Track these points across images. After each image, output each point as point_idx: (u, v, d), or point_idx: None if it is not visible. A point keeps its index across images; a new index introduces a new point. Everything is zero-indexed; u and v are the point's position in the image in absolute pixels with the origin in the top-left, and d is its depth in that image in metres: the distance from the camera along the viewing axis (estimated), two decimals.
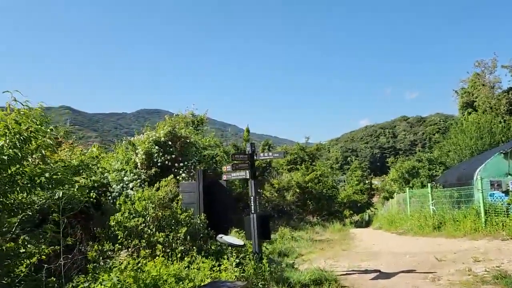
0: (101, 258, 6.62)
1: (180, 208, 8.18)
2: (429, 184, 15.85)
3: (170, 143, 13.91)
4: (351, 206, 58.53)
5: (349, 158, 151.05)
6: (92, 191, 13.14)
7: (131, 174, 13.55)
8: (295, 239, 13.74)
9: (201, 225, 8.19)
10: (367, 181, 70.70)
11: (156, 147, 13.72)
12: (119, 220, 7.02)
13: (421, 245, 11.40)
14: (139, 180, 13.30)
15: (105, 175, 14.05)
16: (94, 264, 6.30)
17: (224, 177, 8.74)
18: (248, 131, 38.17)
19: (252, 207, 8.32)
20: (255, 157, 8.55)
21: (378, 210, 37.13)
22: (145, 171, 13.70)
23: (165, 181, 8.93)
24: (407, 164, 31.03)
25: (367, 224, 33.45)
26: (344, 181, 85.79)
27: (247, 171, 8.44)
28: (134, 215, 7.40)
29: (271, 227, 21.72)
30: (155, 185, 8.79)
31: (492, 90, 48.51)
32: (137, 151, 13.69)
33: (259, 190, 28.29)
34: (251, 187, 8.39)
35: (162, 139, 13.89)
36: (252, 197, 8.34)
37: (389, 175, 41.98)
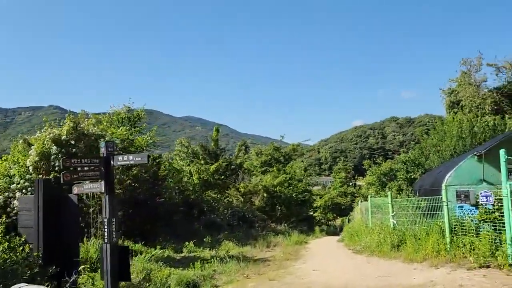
0: None
1: (2, 235, 5.70)
2: (389, 193, 13.47)
3: (73, 142, 11.39)
4: (334, 209, 56.39)
5: (338, 159, 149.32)
6: None
7: (22, 181, 11.02)
8: (224, 260, 11.25)
9: (27, 260, 5.68)
10: (351, 183, 68.69)
11: (55, 147, 11.18)
12: None
13: (369, 272, 9.01)
14: (30, 189, 10.77)
15: None
16: None
17: (75, 190, 6.24)
18: (217, 130, 35.64)
19: (106, 234, 5.81)
20: (112, 162, 6.07)
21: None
22: (43, 177, 11.18)
23: None
24: (384, 166, 28.77)
25: (342, 230, 31.16)
26: (331, 183, 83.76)
27: (102, 183, 5.96)
28: None
29: (226, 237, 19.33)
30: None
31: (478, 89, 46.57)
32: (30, 151, 11.15)
33: (219, 195, 25.85)
34: (106, 205, 5.89)
35: (64, 137, 11.36)
36: (106, 220, 5.84)
37: (365, 178, 39.75)
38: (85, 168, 5.95)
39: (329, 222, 54.82)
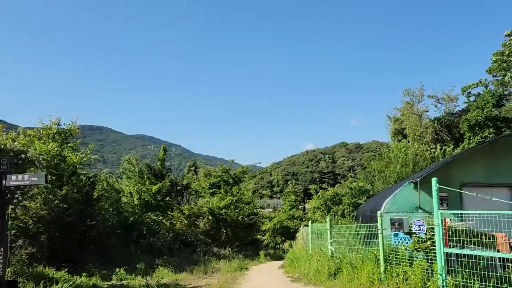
0: None
1: None
2: (328, 218, 13.28)
3: None
4: (283, 232, 56.03)
5: (289, 182, 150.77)
6: None
7: None
8: None
9: None
10: (300, 207, 69.22)
11: None
12: None
13: None
14: None
15: None
16: None
17: None
18: (165, 149, 34.66)
19: None
20: (4, 181, 5.30)
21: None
22: None
23: None
24: (330, 191, 29.01)
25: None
26: (281, 205, 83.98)
27: None
28: None
29: (164, 262, 18.29)
30: None
31: (420, 119, 48.99)
32: None
33: (160, 217, 24.71)
34: None
35: None
36: None
37: (311, 202, 40.05)
38: None
39: (278, 246, 54.54)
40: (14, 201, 10.49)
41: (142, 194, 22.98)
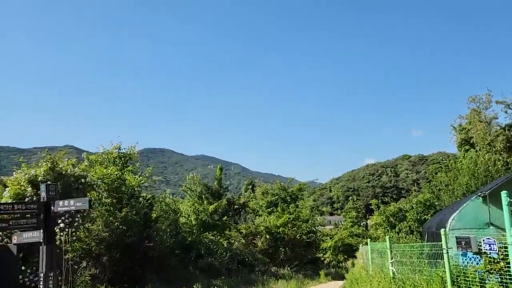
0: None
1: None
2: (387, 236, 12.46)
3: (50, 183, 10.87)
4: (345, 250, 54.17)
5: (350, 198, 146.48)
6: None
7: None
8: None
9: None
10: (362, 223, 66.72)
11: (30, 188, 10.67)
12: None
13: None
14: None
15: None
16: None
17: (15, 239, 5.59)
18: (221, 169, 35.09)
19: None
20: (52, 207, 5.44)
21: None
22: None
23: None
24: (392, 206, 27.54)
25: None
26: (342, 222, 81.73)
27: (40, 231, 5.31)
28: None
29: (222, 282, 18.30)
30: None
31: (489, 127, 45.61)
32: (4, 193, 10.62)
33: (218, 237, 24.83)
34: (43, 256, 5.21)
35: (40, 178, 10.86)
36: (42, 274, 5.14)
37: (372, 218, 38.27)
38: (17, 215, 5.31)
39: (340, 264, 52.78)
40: (75, 224, 11.01)
41: (200, 214, 23.31)
